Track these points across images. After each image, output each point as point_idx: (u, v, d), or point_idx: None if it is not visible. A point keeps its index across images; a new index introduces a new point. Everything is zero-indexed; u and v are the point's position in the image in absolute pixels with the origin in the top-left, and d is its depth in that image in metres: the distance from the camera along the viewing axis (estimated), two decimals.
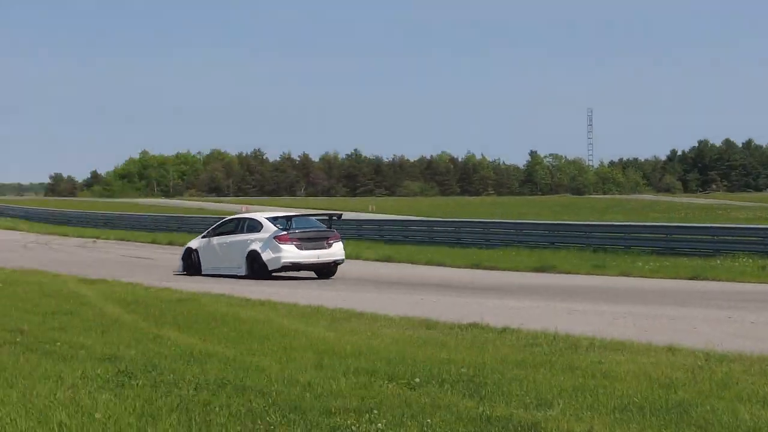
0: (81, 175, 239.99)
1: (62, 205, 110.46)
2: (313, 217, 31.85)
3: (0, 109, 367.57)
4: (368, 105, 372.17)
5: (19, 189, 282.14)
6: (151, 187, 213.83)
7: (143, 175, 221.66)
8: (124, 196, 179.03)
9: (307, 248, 28.55)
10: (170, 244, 50.74)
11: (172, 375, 11.73)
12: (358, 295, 23.62)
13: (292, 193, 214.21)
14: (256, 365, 12.38)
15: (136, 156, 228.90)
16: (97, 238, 57.45)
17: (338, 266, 29.53)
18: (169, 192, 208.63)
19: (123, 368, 12.19)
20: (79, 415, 9.48)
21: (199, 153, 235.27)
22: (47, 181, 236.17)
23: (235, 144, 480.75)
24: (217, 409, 9.82)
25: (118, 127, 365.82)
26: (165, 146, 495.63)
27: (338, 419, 9.31)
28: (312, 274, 29.65)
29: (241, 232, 29.95)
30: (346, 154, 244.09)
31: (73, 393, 10.56)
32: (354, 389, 10.75)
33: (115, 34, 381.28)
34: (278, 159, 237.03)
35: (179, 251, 33.54)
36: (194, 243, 31.75)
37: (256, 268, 28.80)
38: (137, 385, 11.20)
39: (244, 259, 29.14)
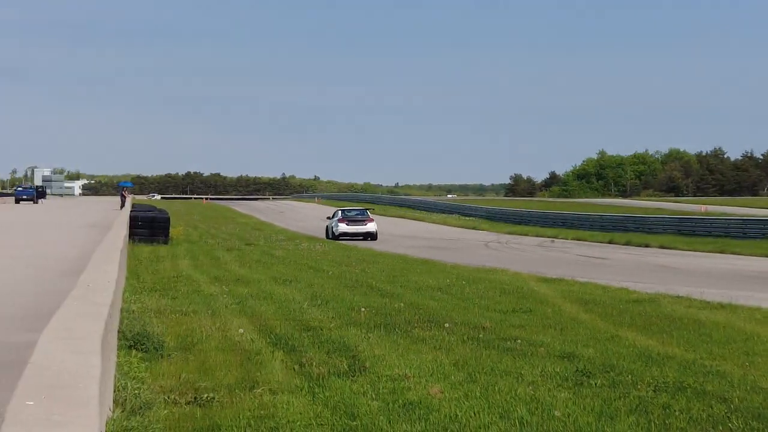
0: (540, 176, 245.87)
1: (521, 205, 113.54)
2: (360, 209, 59.38)
3: (458, 111, 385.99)
4: None
5: (480, 189, 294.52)
6: (607, 187, 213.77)
7: (600, 175, 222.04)
8: (581, 197, 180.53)
9: (352, 225, 51.86)
10: (627, 244, 50.36)
11: (630, 376, 11.60)
12: None
13: (755, 193, 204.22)
14: (717, 370, 11.92)
15: (594, 156, 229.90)
16: (555, 237, 58.29)
17: (376, 236, 51.57)
18: (626, 192, 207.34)
19: (581, 367, 12.24)
20: (539, 412, 9.64)
21: (656, 152, 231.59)
22: (507, 181, 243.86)
23: (694, 143, 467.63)
24: (676, 412, 9.57)
25: (576, 128, 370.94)
26: (622, 146, 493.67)
27: None
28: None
29: (333, 218, 53.83)
30: None
31: (533, 390, 10.76)
32: None
33: (565, 30, 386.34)
34: (739, 158, 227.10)
35: (636, 252, 33.33)
36: (327, 223, 55.50)
37: (330, 236, 52.14)
38: (595, 384, 11.19)
39: (331, 231, 52.51)
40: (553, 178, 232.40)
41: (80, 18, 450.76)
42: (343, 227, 51.61)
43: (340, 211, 54.68)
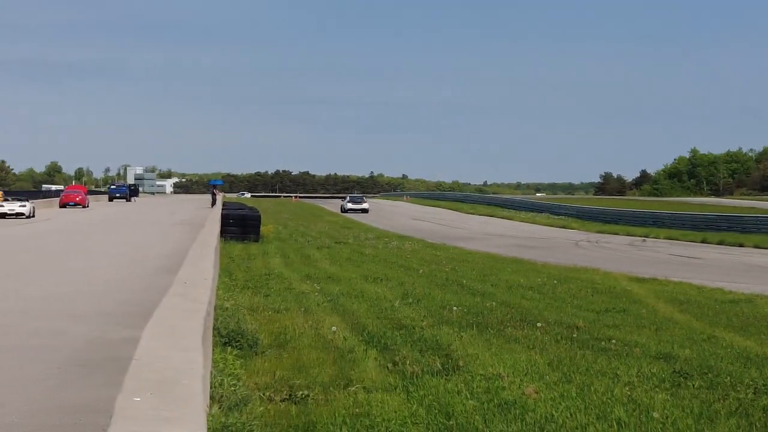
0: (630, 174, 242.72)
1: (612, 203, 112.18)
2: (359, 194, 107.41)
3: (548, 109, 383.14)
4: None
5: (570, 188, 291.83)
6: (699, 185, 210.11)
7: (693, 173, 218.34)
8: (672, 195, 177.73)
9: (354, 204, 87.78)
10: (720, 243, 49.43)
11: (729, 378, 11.39)
12: None
13: None
14: None
15: (686, 154, 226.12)
16: (646, 236, 57.50)
17: (368, 210, 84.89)
18: (718, 191, 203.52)
19: (678, 368, 12.05)
20: (636, 413, 9.51)
21: (750, 150, 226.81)
22: (597, 180, 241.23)
23: None
24: None
25: (669, 126, 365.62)
26: (715, 144, 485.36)
27: None
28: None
29: (343, 200, 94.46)
30: None
31: (630, 391, 10.62)
32: None
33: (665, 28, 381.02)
34: None
35: (731, 251, 32.72)
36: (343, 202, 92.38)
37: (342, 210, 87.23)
38: (693, 386, 11.01)
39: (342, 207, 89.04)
40: (644, 177, 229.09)
41: (174, 18, 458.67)
42: (348, 205, 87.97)
43: (349, 195, 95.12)
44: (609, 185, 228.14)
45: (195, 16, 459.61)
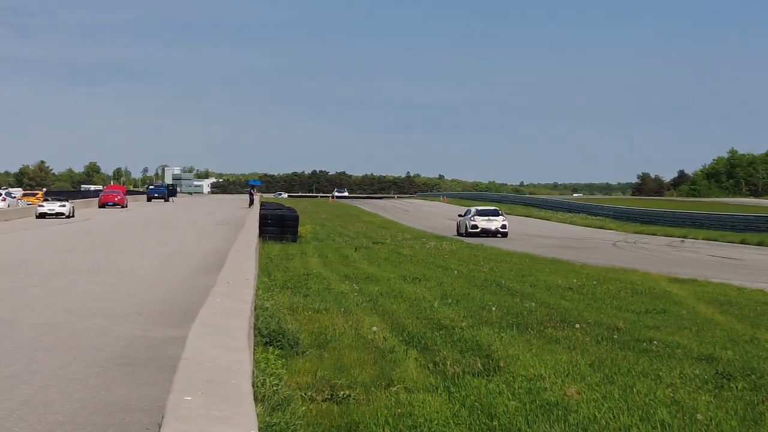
0: (668, 175, 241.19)
1: (649, 204, 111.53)
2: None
3: (584, 109, 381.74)
4: None
5: (607, 188, 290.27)
6: (738, 186, 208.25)
7: (731, 174, 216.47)
8: (710, 196, 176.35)
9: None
10: (760, 244, 48.98)
11: None
12: None
13: None
14: None
15: (725, 155, 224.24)
16: (685, 237, 57.12)
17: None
18: (757, 191, 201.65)
19: (721, 370, 11.98)
20: (680, 415, 9.46)
21: None
22: (634, 180, 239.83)
23: None
24: None
25: (707, 126, 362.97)
26: (754, 144, 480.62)
27: None
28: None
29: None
30: None
31: (673, 392, 10.56)
32: None
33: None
34: None
35: None
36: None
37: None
38: (736, 387, 10.94)
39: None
40: (682, 177, 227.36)
41: (212, 19, 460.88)
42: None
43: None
44: (647, 186, 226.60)
45: (233, 16, 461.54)
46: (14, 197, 76.31)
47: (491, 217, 55.09)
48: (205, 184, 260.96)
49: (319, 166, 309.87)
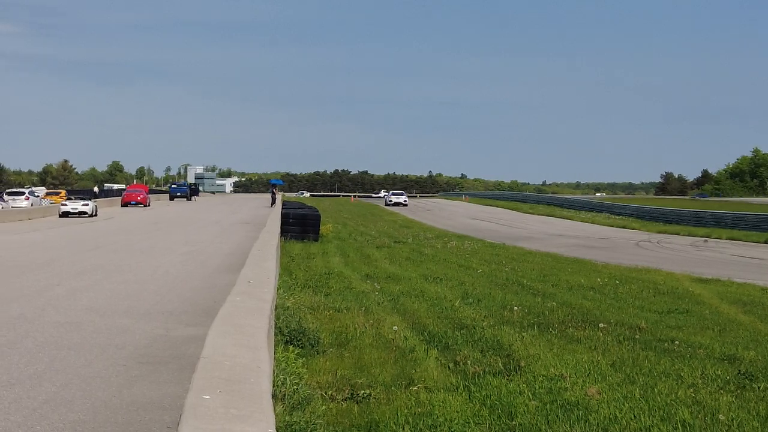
0: (692, 174, 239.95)
1: (673, 204, 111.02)
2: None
3: (607, 108, 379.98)
4: None
5: (630, 188, 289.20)
6: (762, 185, 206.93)
7: (755, 173, 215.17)
8: (734, 196, 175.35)
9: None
10: None
11: None
12: None
13: None
14: None
15: (749, 154, 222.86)
16: (708, 237, 56.81)
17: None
18: None
19: (743, 370, 11.91)
20: (702, 415, 9.41)
21: None
22: (658, 180, 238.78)
23: None
24: None
25: (731, 126, 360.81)
26: None
27: None
28: None
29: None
30: None
31: (694, 393, 10.51)
32: None
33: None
34: None
35: None
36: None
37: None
38: (758, 388, 10.87)
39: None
40: (705, 177, 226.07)
41: (235, 19, 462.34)
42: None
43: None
44: (670, 185, 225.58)
45: (255, 16, 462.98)
46: (37, 196, 76.64)
47: (399, 196, 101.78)
48: (228, 183, 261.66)
49: (342, 166, 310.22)
